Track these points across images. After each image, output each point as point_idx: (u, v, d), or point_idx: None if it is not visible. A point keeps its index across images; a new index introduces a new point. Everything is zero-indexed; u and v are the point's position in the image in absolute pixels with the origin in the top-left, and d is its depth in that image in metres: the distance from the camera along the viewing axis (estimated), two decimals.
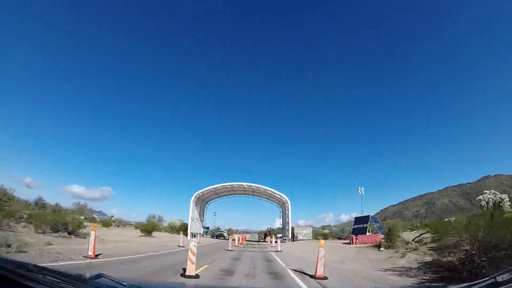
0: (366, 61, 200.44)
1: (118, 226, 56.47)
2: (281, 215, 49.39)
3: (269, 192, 42.23)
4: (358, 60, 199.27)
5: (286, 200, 40.76)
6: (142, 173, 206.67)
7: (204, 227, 59.18)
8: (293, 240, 40.98)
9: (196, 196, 42.20)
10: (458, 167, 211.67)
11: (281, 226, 53.03)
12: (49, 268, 1.44)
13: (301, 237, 45.41)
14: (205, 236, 55.43)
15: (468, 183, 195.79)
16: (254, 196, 49.57)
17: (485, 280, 1.46)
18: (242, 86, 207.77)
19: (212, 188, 42.01)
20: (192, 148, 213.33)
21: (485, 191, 25.41)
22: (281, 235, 49.57)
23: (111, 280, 1.56)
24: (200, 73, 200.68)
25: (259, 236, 57.95)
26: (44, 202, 39.03)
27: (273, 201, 48.99)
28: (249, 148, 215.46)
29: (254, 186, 41.42)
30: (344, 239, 42.21)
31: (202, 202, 47.72)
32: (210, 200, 50.38)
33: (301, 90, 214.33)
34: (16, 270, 1.27)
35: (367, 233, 30.00)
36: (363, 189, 38.90)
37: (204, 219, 50.40)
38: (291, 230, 41.00)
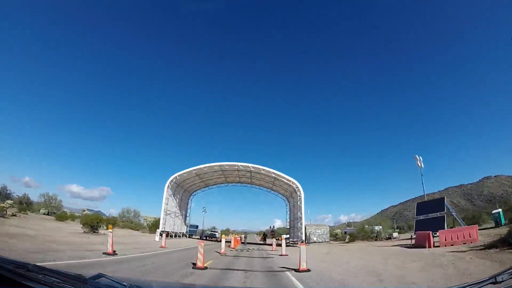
0: (366, 60, 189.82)
1: None
2: (287, 209, 36.42)
3: (272, 176, 29.41)
4: (357, 59, 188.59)
5: (297, 188, 28.04)
6: (140, 173, 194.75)
7: (190, 226, 46.14)
8: (307, 243, 28.12)
9: (172, 181, 29.29)
10: (458, 167, 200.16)
11: (286, 225, 40.00)
12: (49, 268, 1.37)
13: (315, 239, 32.56)
14: (192, 236, 42.55)
15: (469, 183, 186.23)
16: (253, 186, 36.73)
17: (485, 280, 1.37)
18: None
19: (194, 169, 29.12)
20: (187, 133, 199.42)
21: None
22: (287, 235, 36.64)
23: (111, 280, 1.45)
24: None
25: (259, 238, 44.94)
26: (8, 192, 36.21)
27: (277, 192, 36.08)
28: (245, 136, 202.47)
29: (253, 167, 28.70)
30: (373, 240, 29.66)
31: (184, 192, 34.82)
32: (195, 191, 37.38)
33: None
34: (16, 270, 1.21)
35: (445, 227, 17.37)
36: (421, 159, 26.34)
37: (188, 215, 37.40)
38: (304, 229, 28.07)
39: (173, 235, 31.06)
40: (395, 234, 38.92)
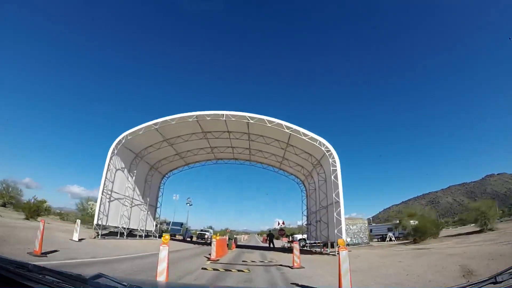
0: (369, 58, 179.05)
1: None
2: (304, 197, 23.72)
3: (286, 134, 15.77)
4: (360, 58, 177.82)
5: (328, 151, 15.17)
6: None
7: (173, 223, 33.63)
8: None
9: (121, 142, 16.79)
10: (461, 165, 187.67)
11: (301, 222, 27.11)
12: (49, 268, 1.28)
13: (348, 240, 19.90)
14: (176, 236, 30.27)
15: (471, 181, 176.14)
16: (253, 164, 24.15)
17: (485, 280, 1.30)
18: None
19: (154, 124, 16.26)
20: None
21: None
22: (302, 236, 23.97)
23: (111, 280, 1.36)
24: None
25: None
26: None
27: (288, 170, 23.40)
28: None
29: (251, 117, 15.94)
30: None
31: (151, 171, 22.17)
32: (170, 170, 24.67)
33: None
34: (16, 270, 1.16)
35: None
36: None
37: (159, 206, 24.57)
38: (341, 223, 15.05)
39: (124, 234, 18.35)
40: None
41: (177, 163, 23.46)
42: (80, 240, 13.46)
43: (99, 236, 15.64)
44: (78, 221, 13.81)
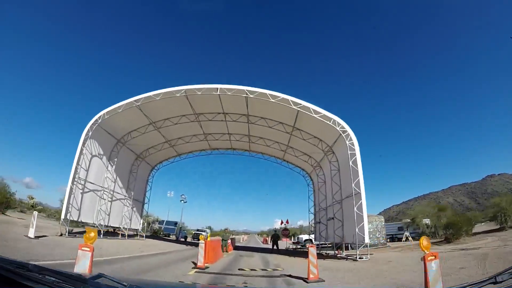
0: (369, 58, 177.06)
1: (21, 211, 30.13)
2: (311, 192, 20.93)
3: (293, 111, 13.16)
4: (360, 58, 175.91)
5: (343, 131, 12.59)
6: None
7: (166, 222, 30.92)
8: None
9: (96, 122, 14.06)
10: (462, 166, 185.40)
11: (307, 221, 24.21)
12: (49, 268, 1.26)
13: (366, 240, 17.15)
14: (170, 236, 27.61)
15: (472, 182, 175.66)
16: (252, 153, 21.40)
17: (485, 280, 1.28)
18: None
19: (136, 100, 13.51)
20: None
21: None
22: (309, 237, 21.21)
23: (111, 280, 1.35)
24: None
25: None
26: None
27: (293, 161, 20.63)
28: None
29: (250, 92, 13.24)
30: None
31: (136, 160, 19.33)
32: (160, 162, 21.81)
33: None
34: (16, 270, 1.14)
35: None
36: None
37: (146, 202, 21.64)
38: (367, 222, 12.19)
39: (101, 232, 15.48)
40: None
41: (167, 153, 20.65)
42: (37, 237, 10.73)
43: (67, 234, 12.83)
44: (35, 213, 11.10)
